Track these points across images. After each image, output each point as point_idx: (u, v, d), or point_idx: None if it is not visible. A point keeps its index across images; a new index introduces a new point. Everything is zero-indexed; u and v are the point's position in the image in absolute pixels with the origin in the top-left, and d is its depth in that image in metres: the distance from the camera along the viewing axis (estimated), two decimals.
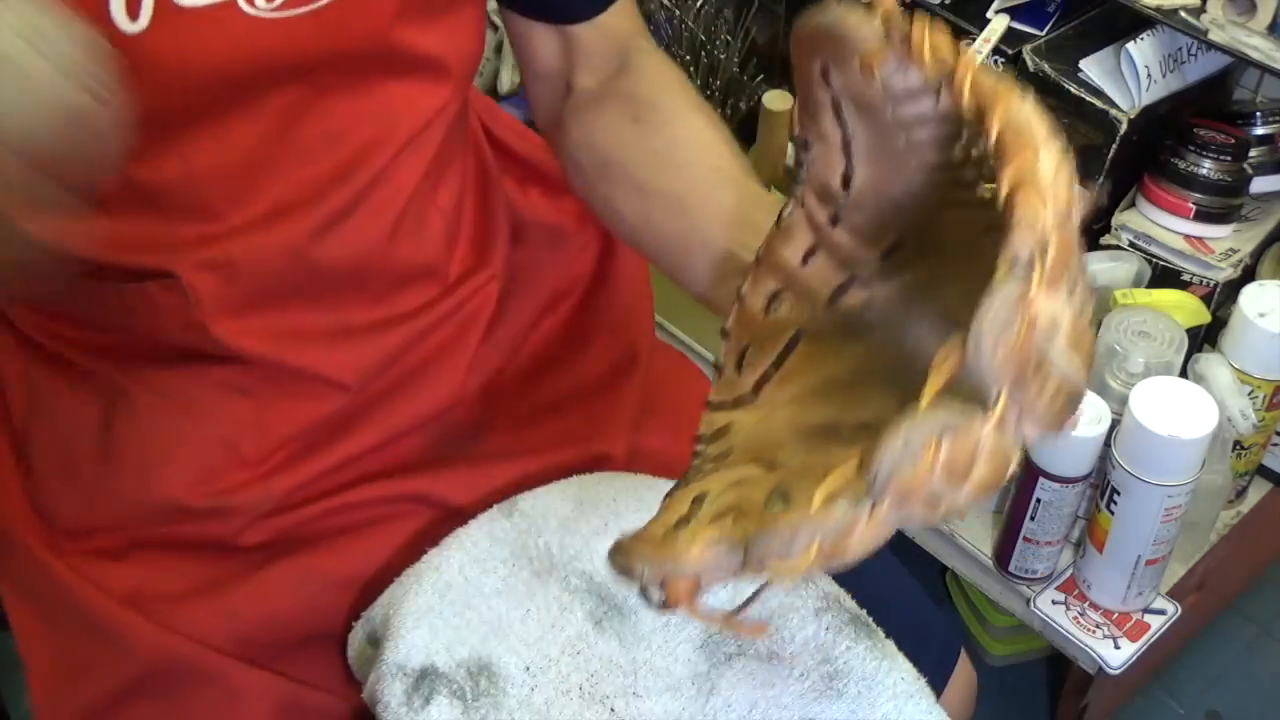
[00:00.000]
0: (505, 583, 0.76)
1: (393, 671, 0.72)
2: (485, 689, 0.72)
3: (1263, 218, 1.26)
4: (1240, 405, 1.09)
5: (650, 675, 0.74)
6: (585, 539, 0.78)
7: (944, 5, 1.35)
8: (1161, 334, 1.11)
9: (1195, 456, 1.03)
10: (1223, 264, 1.21)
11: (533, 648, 0.74)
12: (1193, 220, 1.22)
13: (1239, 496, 1.26)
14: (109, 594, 0.78)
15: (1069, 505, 1.12)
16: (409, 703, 0.71)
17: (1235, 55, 1.13)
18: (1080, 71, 1.24)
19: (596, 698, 0.73)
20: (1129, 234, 1.24)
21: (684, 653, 0.75)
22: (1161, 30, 1.22)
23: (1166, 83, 1.24)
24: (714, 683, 0.74)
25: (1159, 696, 1.48)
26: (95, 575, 0.79)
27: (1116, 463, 1.05)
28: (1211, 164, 1.20)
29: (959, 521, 1.25)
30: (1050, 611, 1.17)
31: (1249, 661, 1.52)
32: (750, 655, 0.75)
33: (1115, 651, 1.14)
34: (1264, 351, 1.10)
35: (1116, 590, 1.14)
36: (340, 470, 0.81)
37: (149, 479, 0.78)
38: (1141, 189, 1.25)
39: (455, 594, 0.75)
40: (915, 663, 0.86)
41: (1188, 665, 1.50)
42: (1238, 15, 1.13)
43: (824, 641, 0.74)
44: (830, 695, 0.72)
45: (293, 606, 0.79)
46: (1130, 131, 1.22)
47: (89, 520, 0.79)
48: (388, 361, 0.80)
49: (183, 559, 0.79)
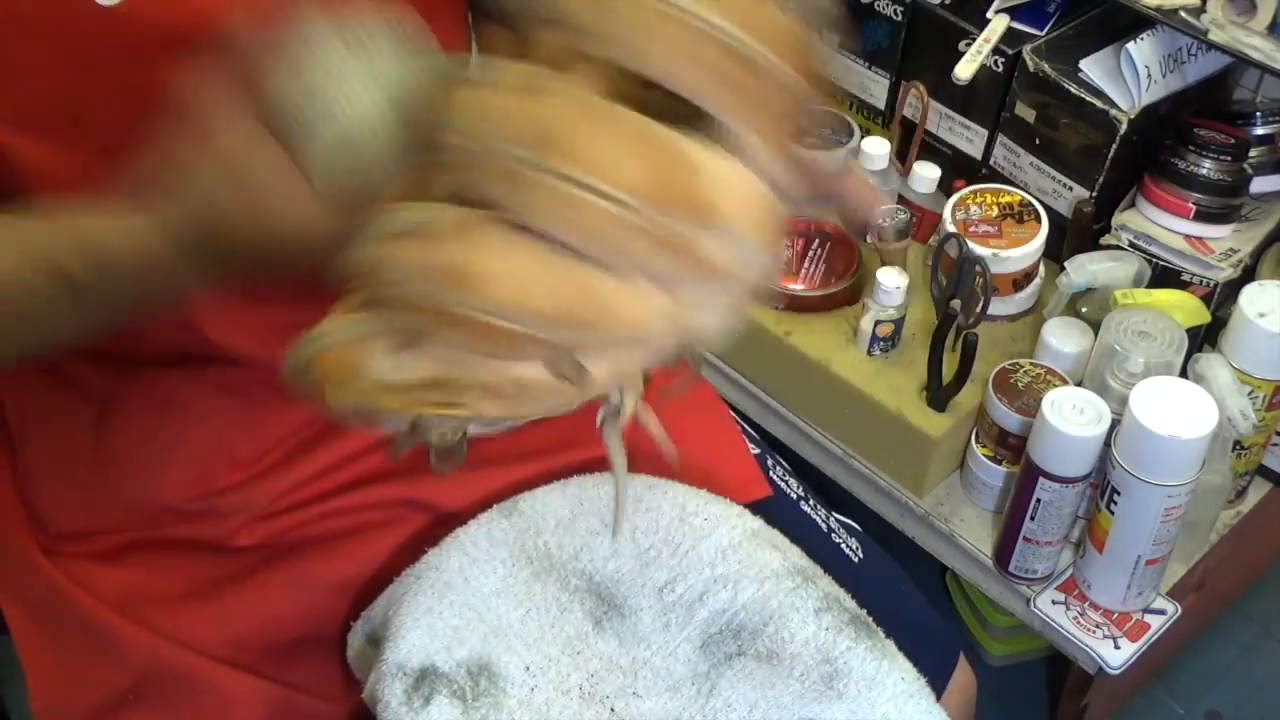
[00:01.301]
0: (505, 583, 0.76)
1: (393, 671, 0.72)
2: (485, 689, 0.72)
3: (1263, 218, 1.26)
4: (1240, 405, 1.09)
5: (650, 675, 0.74)
6: (584, 539, 0.78)
7: (944, 5, 1.35)
8: (1161, 334, 1.11)
9: (1195, 456, 1.03)
10: (1223, 264, 1.21)
11: (532, 648, 0.74)
12: (1193, 220, 1.22)
13: (1239, 496, 1.26)
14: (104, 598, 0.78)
15: (1069, 505, 1.12)
16: (409, 703, 0.71)
17: (1235, 55, 1.13)
18: (1080, 71, 1.24)
19: (596, 698, 0.73)
20: (1129, 234, 1.24)
21: (684, 653, 0.75)
22: (1161, 30, 1.22)
23: (1166, 83, 1.24)
24: (714, 683, 0.74)
25: (1159, 696, 1.48)
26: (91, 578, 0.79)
27: (1116, 463, 1.05)
28: (1211, 164, 1.20)
29: (959, 522, 1.25)
30: (1050, 611, 1.17)
31: (1249, 661, 1.52)
32: (750, 655, 0.75)
33: (1115, 651, 1.14)
34: (1264, 351, 1.10)
35: (1116, 590, 1.14)
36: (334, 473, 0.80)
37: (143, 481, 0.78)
38: (1141, 189, 1.25)
39: (455, 594, 0.75)
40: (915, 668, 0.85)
41: (1188, 665, 1.50)
42: (1238, 15, 1.13)
43: (824, 641, 0.74)
44: (830, 695, 0.72)
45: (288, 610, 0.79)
46: (1130, 131, 1.22)
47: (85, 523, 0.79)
48: None
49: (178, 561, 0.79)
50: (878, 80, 1.43)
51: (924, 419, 1.21)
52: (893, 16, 1.37)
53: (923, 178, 1.34)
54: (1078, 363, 1.19)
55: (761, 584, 0.76)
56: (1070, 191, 1.29)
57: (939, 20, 1.34)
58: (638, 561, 0.78)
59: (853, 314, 1.29)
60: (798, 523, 0.93)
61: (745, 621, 0.75)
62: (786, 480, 0.96)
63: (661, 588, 0.77)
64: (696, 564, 0.78)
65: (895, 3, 1.36)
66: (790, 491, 0.95)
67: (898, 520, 1.31)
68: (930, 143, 1.40)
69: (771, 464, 0.96)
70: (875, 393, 1.23)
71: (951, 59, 1.31)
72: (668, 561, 0.78)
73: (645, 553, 0.78)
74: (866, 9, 1.39)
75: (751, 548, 0.78)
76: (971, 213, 1.26)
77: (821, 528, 0.94)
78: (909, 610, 0.94)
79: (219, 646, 0.78)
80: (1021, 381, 1.17)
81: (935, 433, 1.20)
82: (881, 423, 1.23)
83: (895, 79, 1.42)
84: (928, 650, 0.87)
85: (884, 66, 1.42)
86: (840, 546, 0.93)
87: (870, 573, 0.93)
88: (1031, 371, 1.18)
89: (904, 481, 1.26)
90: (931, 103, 1.37)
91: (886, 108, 1.44)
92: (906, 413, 1.21)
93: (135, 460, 0.78)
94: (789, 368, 1.29)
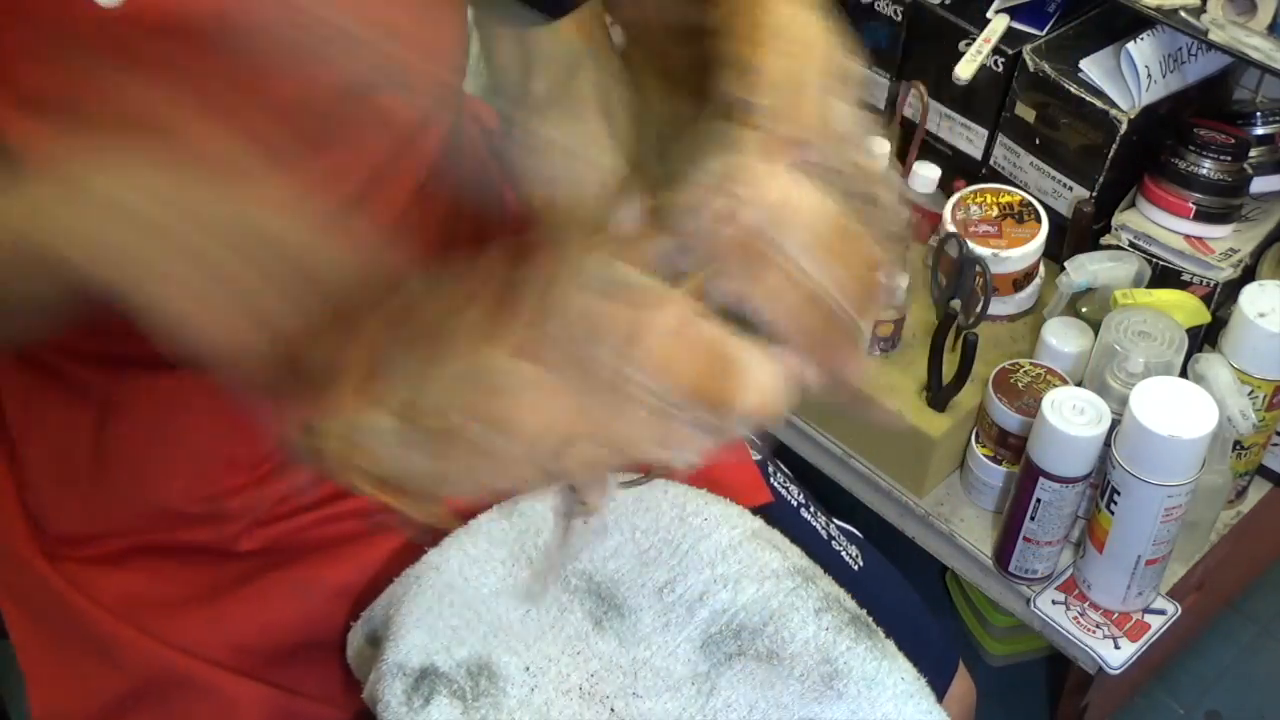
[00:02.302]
0: (504, 583, 0.76)
1: (393, 671, 0.72)
2: (485, 689, 0.72)
3: (1263, 218, 1.26)
4: (1240, 405, 1.09)
5: (650, 675, 0.74)
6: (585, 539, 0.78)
7: (944, 5, 1.35)
8: (1161, 334, 1.11)
9: (1195, 456, 1.03)
10: (1223, 264, 1.21)
11: (532, 648, 0.74)
12: (1193, 220, 1.22)
13: (1239, 496, 1.26)
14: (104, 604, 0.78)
15: (1069, 505, 1.12)
16: (409, 703, 0.71)
17: (1235, 55, 1.13)
18: (1080, 71, 1.24)
19: (596, 698, 0.73)
20: (1129, 234, 1.24)
21: (684, 653, 0.75)
22: (1161, 30, 1.22)
23: (1166, 83, 1.24)
24: (714, 683, 0.74)
25: (1159, 696, 1.48)
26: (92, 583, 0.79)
27: (1116, 463, 1.05)
28: (1211, 164, 1.20)
29: (959, 522, 1.25)
30: (1050, 611, 1.17)
31: (1249, 661, 1.52)
32: (750, 655, 0.75)
33: (1115, 651, 1.14)
34: (1264, 351, 1.10)
35: (1116, 590, 1.14)
36: None
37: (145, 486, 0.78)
38: (1141, 189, 1.25)
39: (455, 594, 0.75)
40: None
41: (1188, 665, 1.50)
42: (1238, 15, 1.13)
43: (824, 641, 0.74)
44: (830, 695, 0.72)
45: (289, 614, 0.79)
46: (1130, 131, 1.22)
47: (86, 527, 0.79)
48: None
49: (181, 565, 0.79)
50: (878, 80, 1.43)
51: (924, 419, 1.21)
52: (893, 16, 1.37)
53: (923, 178, 1.34)
54: (1078, 363, 1.19)
55: (762, 584, 0.76)
56: (1070, 191, 1.29)
57: (939, 20, 1.34)
58: (638, 561, 0.78)
59: None
60: (798, 529, 0.92)
61: (745, 621, 0.75)
62: (787, 487, 0.96)
63: (661, 588, 0.77)
64: (696, 564, 0.78)
65: (895, 3, 1.36)
66: (791, 499, 0.95)
67: (898, 520, 1.31)
68: (930, 143, 1.40)
69: (772, 470, 0.96)
70: (875, 393, 1.23)
71: (951, 59, 1.31)
72: (668, 561, 0.78)
73: (645, 553, 0.78)
74: (866, 9, 1.39)
75: (752, 547, 0.78)
76: (971, 213, 1.26)
77: (821, 535, 0.94)
78: (908, 618, 0.94)
79: (220, 651, 0.78)
80: (1021, 381, 1.17)
81: (935, 433, 1.20)
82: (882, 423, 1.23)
83: (895, 79, 1.42)
84: (927, 657, 0.87)
85: (884, 66, 1.42)
86: (840, 554, 0.93)
87: (869, 580, 0.93)
88: (1031, 371, 1.18)
89: (904, 482, 1.26)
90: (931, 103, 1.37)
91: (886, 108, 1.44)
92: (906, 413, 1.21)
93: (137, 466, 0.78)
94: None
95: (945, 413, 1.21)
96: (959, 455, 1.26)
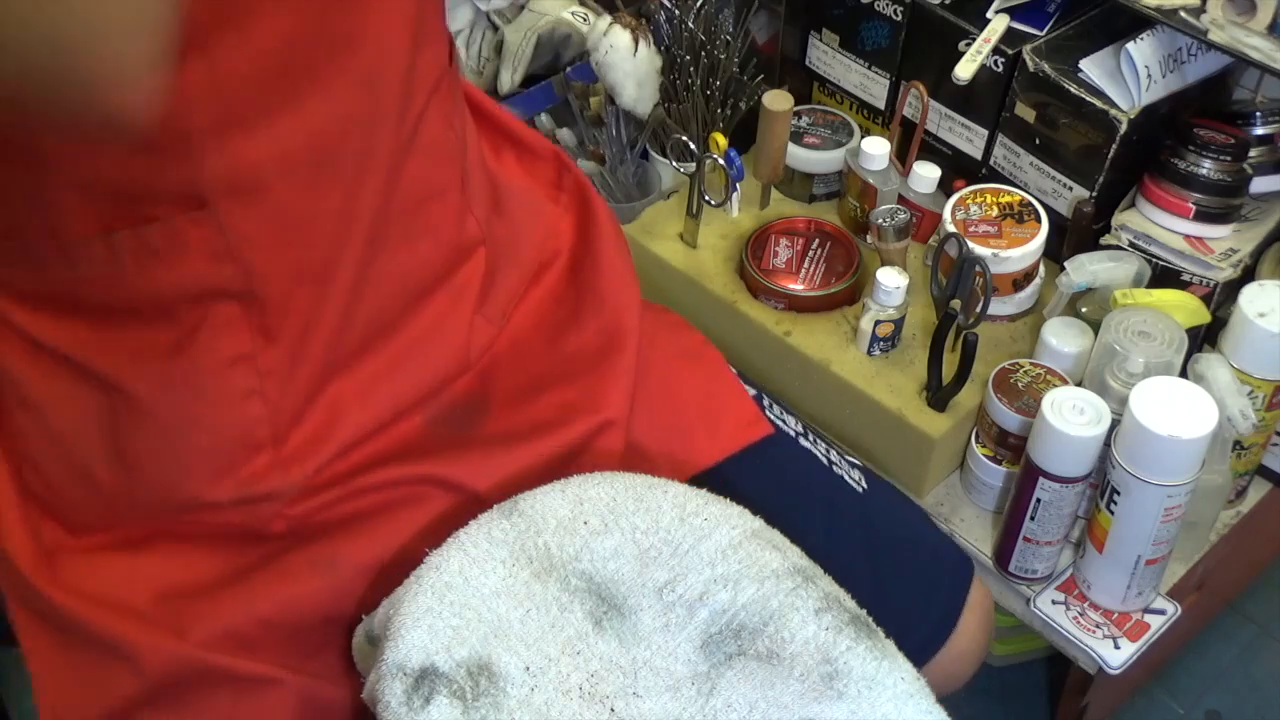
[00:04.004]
0: (505, 583, 0.76)
1: (393, 671, 0.72)
2: (485, 689, 0.72)
3: (1263, 218, 1.26)
4: (1240, 405, 1.09)
5: (650, 675, 0.74)
6: (585, 539, 0.78)
7: (944, 5, 1.35)
8: (1161, 334, 1.11)
9: (1195, 456, 1.03)
10: (1223, 264, 1.21)
11: (532, 648, 0.74)
12: (1193, 220, 1.22)
13: (1239, 496, 1.26)
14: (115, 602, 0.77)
15: (1069, 505, 1.12)
16: (409, 703, 0.71)
17: (1235, 55, 1.13)
18: (1080, 71, 1.24)
19: (596, 698, 0.73)
20: (1129, 234, 1.24)
21: (684, 653, 0.75)
22: (1161, 30, 1.22)
23: (1166, 83, 1.24)
24: (714, 683, 0.74)
25: (1159, 696, 1.48)
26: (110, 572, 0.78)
27: (1116, 463, 1.05)
28: (1211, 164, 1.20)
29: (959, 522, 1.25)
30: (1050, 611, 1.17)
31: (1249, 661, 1.52)
32: (750, 655, 0.75)
33: (1115, 651, 1.14)
34: (1264, 351, 1.10)
35: (1116, 590, 1.14)
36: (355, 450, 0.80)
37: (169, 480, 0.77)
38: (1141, 189, 1.25)
39: (455, 594, 0.75)
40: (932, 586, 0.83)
41: (1188, 665, 1.50)
42: (1238, 15, 1.13)
43: (824, 641, 0.74)
44: (830, 695, 0.72)
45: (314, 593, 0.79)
46: (1130, 131, 1.22)
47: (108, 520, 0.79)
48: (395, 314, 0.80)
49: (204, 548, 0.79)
50: (878, 80, 1.43)
51: (924, 419, 1.21)
52: (893, 16, 1.37)
53: (923, 178, 1.34)
54: (1078, 363, 1.19)
55: (761, 584, 0.76)
56: (1070, 191, 1.29)
57: (939, 20, 1.34)
58: (638, 561, 0.78)
59: (853, 314, 1.30)
60: (799, 458, 0.92)
61: (745, 621, 0.75)
62: (784, 418, 0.96)
63: (661, 588, 0.77)
64: (696, 564, 0.78)
65: (895, 3, 1.36)
66: (789, 429, 0.95)
67: None
68: (930, 143, 1.40)
69: (768, 403, 0.97)
70: (875, 393, 1.23)
71: (951, 59, 1.31)
72: (668, 561, 0.78)
73: (645, 553, 0.78)
74: (866, 9, 1.39)
75: (752, 547, 0.78)
76: (971, 213, 1.26)
77: (823, 460, 0.93)
78: (918, 532, 0.94)
79: (246, 625, 0.78)
80: (1021, 381, 1.17)
81: (935, 433, 1.20)
82: (881, 423, 1.23)
83: (895, 79, 1.42)
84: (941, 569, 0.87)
85: (884, 66, 1.42)
86: (843, 477, 0.93)
87: (876, 499, 0.93)
88: (1031, 371, 1.18)
89: (904, 481, 1.26)
90: (931, 103, 1.37)
91: (886, 108, 1.44)
92: (906, 413, 1.21)
93: (157, 458, 0.76)
94: (789, 368, 1.29)
95: (945, 413, 1.21)
96: (959, 455, 1.27)
